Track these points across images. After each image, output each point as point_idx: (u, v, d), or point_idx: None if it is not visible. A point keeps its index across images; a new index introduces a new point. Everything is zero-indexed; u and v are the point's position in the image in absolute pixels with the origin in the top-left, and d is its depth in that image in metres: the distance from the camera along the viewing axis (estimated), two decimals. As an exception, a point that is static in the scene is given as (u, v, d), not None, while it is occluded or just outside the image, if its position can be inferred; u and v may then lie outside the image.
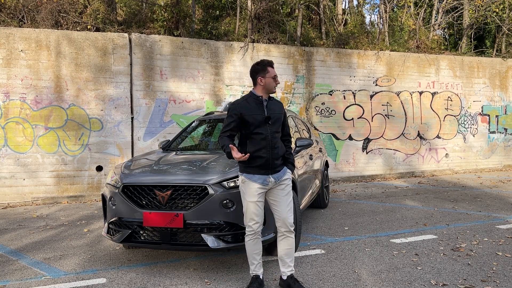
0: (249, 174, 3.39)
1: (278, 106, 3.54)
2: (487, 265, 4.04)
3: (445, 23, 13.84)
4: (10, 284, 3.80)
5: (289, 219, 3.42)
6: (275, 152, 3.39)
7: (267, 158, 3.35)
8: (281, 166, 3.45)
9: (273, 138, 3.39)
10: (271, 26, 10.55)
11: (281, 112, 3.51)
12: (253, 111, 3.38)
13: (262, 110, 3.40)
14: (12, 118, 7.81)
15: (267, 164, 3.35)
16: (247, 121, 3.36)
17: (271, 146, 3.37)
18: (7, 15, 8.55)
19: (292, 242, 3.45)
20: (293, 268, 3.49)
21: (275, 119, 3.42)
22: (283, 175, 3.46)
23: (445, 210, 6.65)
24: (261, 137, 3.36)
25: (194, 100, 9.00)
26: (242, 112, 3.38)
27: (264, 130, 3.37)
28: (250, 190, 3.38)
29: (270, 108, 3.45)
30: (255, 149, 3.36)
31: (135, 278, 3.88)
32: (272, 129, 3.40)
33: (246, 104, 3.43)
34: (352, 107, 10.44)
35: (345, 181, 10.29)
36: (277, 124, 3.45)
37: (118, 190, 4.03)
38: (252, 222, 3.41)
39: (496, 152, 12.26)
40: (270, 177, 3.38)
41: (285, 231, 3.42)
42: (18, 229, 5.93)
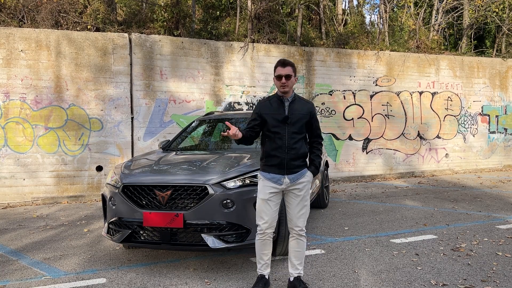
0: (264, 172, 3.41)
1: (304, 106, 3.45)
2: (487, 265, 4.04)
3: (445, 23, 13.84)
4: (10, 284, 3.80)
5: (299, 223, 3.38)
6: (292, 152, 3.33)
7: (282, 158, 3.32)
8: (299, 168, 3.37)
9: (291, 138, 3.34)
10: (271, 26, 10.56)
11: (305, 113, 3.41)
12: (272, 111, 3.39)
13: (282, 110, 3.38)
14: (12, 118, 7.81)
15: (282, 164, 3.33)
16: (266, 120, 3.39)
17: (288, 146, 3.33)
18: (7, 15, 8.55)
19: (303, 244, 3.42)
20: (300, 271, 3.46)
21: (295, 119, 3.36)
22: (300, 177, 3.37)
23: (445, 210, 6.65)
24: (278, 137, 3.34)
25: (194, 100, 9.00)
26: (261, 111, 3.42)
27: (281, 130, 3.34)
28: (263, 188, 3.39)
29: (292, 108, 3.39)
30: (271, 148, 3.37)
31: (135, 278, 3.88)
32: (291, 129, 3.35)
33: (267, 103, 3.46)
34: (352, 107, 10.44)
35: (345, 181, 10.29)
36: (298, 124, 3.37)
37: (118, 190, 4.03)
38: (261, 221, 3.39)
39: (496, 152, 12.26)
40: (286, 177, 3.34)
41: (295, 233, 3.41)
42: (18, 229, 5.92)
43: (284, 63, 3.36)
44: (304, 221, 3.40)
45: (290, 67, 3.36)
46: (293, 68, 3.39)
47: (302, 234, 3.41)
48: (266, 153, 3.42)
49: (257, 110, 3.47)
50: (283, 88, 3.36)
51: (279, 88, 3.38)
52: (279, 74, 3.35)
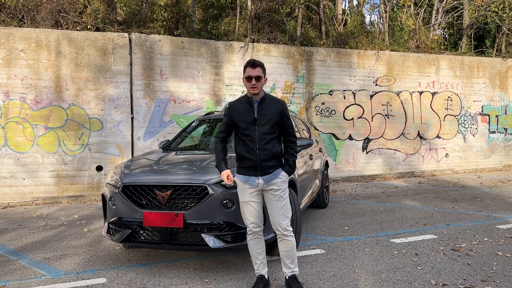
0: (239, 174, 3.43)
1: (274, 106, 3.41)
2: (487, 265, 4.04)
3: (445, 23, 13.84)
4: (10, 284, 3.80)
5: (282, 223, 3.34)
6: (264, 153, 3.31)
7: (254, 159, 3.32)
8: (273, 168, 3.35)
9: (262, 139, 3.32)
10: (271, 26, 10.55)
11: (275, 112, 3.37)
12: (242, 113, 3.39)
13: (251, 111, 3.37)
14: (12, 118, 7.81)
15: (255, 165, 3.33)
16: (237, 123, 3.40)
17: (259, 147, 3.31)
18: (7, 15, 8.55)
19: (290, 244, 3.40)
20: (293, 270, 3.45)
21: (265, 120, 3.33)
22: (274, 177, 3.35)
23: (445, 210, 6.65)
24: (248, 139, 3.35)
25: (194, 100, 9.00)
26: (232, 114, 3.44)
27: (251, 132, 3.34)
28: (241, 191, 3.42)
29: (261, 108, 3.37)
30: (243, 150, 3.38)
31: (135, 278, 3.88)
32: (261, 130, 3.33)
33: (238, 106, 3.45)
34: (352, 107, 10.44)
35: (345, 181, 10.29)
36: (268, 125, 3.33)
37: (118, 190, 4.03)
38: (247, 222, 3.42)
39: (496, 152, 12.26)
40: (260, 178, 3.33)
41: (280, 234, 3.39)
42: (18, 229, 5.92)
43: (254, 64, 3.35)
44: (285, 220, 3.35)
45: (260, 68, 3.36)
46: (263, 69, 3.39)
47: (288, 234, 3.37)
48: (238, 155, 3.43)
49: (227, 113, 3.48)
50: (253, 90, 3.34)
51: (249, 89, 3.36)
52: (249, 75, 3.32)
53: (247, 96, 3.44)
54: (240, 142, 3.43)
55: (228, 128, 3.50)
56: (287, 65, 9.80)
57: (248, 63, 3.37)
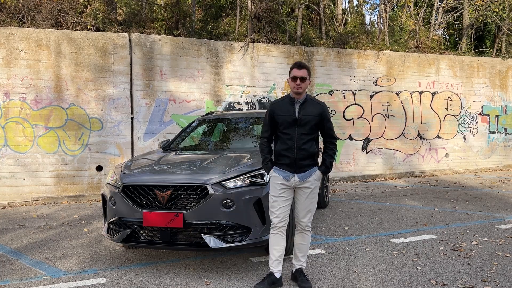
0: (277, 168, 3.52)
1: (315, 107, 3.51)
2: (487, 265, 4.04)
3: (445, 23, 13.84)
4: (10, 284, 3.80)
5: (305, 218, 3.51)
6: (301, 153, 3.43)
7: (292, 158, 3.43)
8: (309, 167, 3.47)
9: (300, 139, 3.43)
10: (271, 26, 10.56)
11: (315, 114, 3.48)
12: (284, 112, 3.50)
13: (292, 111, 3.46)
14: (12, 118, 7.81)
15: (292, 163, 3.44)
16: (277, 121, 3.51)
17: (297, 147, 3.43)
18: (7, 15, 8.55)
19: (307, 238, 3.57)
20: (302, 264, 3.61)
21: (305, 121, 3.44)
22: (309, 175, 3.47)
23: (445, 210, 6.65)
24: (288, 138, 3.46)
25: (194, 100, 9.00)
26: (274, 112, 3.54)
27: (291, 131, 3.45)
28: (273, 185, 3.52)
29: (303, 109, 3.47)
30: (281, 148, 3.49)
31: (135, 278, 3.88)
32: (301, 130, 3.44)
33: (280, 104, 3.57)
34: (352, 107, 10.44)
35: (345, 181, 10.29)
36: (308, 126, 3.45)
37: (118, 190, 4.03)
38: (272, 215, 3.52)
39: (496, 152, 12.26)
40: (295, 175, 3.45)
41: (300, 227, 3.55)
42: (18, 229, 5.93)
43: (300, 65, 3.47)
44: (309, 217, 3.54)
45: (306, 70, 3.47)
46: (308, 71, 3.49)
47: (307, 229, 3.55)
48: (277, 152, 3.55)
49: (270, 111, 3.58)
50: (297, 89, 3.44)
51: (293, 89, 3.47)
52: (294, 75, 3.44)
53: (290, 96, 3.54)
54: (279, 140, 3.54)
55: (270, 126, 3.59)
56: (287, 65, 9.80)
57: (295, 65, 3.49)
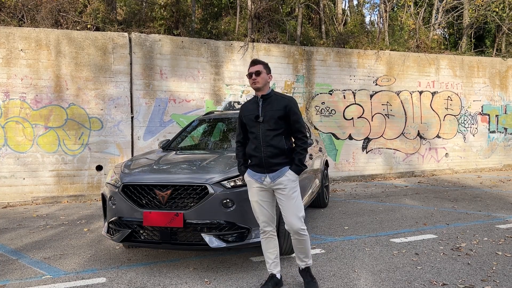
0: (250, 171, 3.46)
1: (279, 102, 3.39)
2: (487, 264, 4.04)
3: (445, 23, 13.84)
4: (10, 284, 3.80)
5: (294, 224, 3.31)
6: (269, 150, 3.31)
7: (260, 156, 3.35)
8: (280, 165, 3.33)
9: (265, 136, 3.33)
10: (271, 25, 10.55)
11: (279, 108, 3.35)
12: (248, 112, 3.47)
13: (256, 109, 3.42)
14: (12, 117, 7.81)
15: (261, 163, 3.35)
16: (244, 122, 3.50)
17: (263, 144, 3.33)
18: (7, 14, 8.54)
19: (303, 241, 3.40)
20: (307, 262, 3.48)
21: (268, 116, 3.34)
22: (281, 175, 3.32)
23: (445, 210, 6.65)
24: (253, 136, 3.40)
25: (194, 100, 9.00)
26: (242, 113, 3.54)
27: (256, 129, 3.39)
28: (251, 189, 3.45)
29: (266, 106, 3.40)
30: (250, 148, 3.43)
31: (135, 277, 3.88)
32: (265, 126, 3.34)
33: (247, 105, 3.55)
34: (352, 106, 10.44)
35: (345, 180, 10.29)
36: (271, 121, 3.33)
37: (118, 190, 4.03)
38: (258, 221, 3.47)
39: (496, 152, 12.26)
40: (266, 176, 3.35)
41: (293, 233, 3.37)
42: (18, 229, 5.92)
43: (255, 62, 3.47)
44: (297, 219, 3.31)
45: (261, 65, 3.45)
46: (264, 65, 3.46)
47: (301, 233, 3.35)
48: (247, 154, 3.49)
49: (240, 113, 3.58)
50: (254, 84, 3.40)
51: (251, 85, 3.44)
52: (249, 72, 3.43)
53: (255, 96, 3.51)
54: (249, 141, 3.50)
55: (242, 128, 3.57)
56: (287, 64, 9.80)
57: (251, 62, 3.49)
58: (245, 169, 3.50)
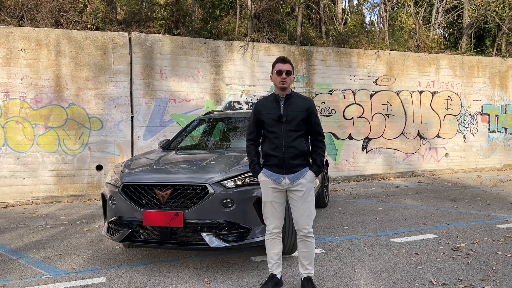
0: (266, 171, 3.39)
1: (301, 103, 3.36)
2: (486, 264, 4.04)
3: (445, 23, 13.84)
4: (10, 283, 3.80)
5: (304, 225, 3.32)
6: (290, 151, 3.27)
7: (280, 157, 3.29)
8: (300, 167, 3.31)
9: (287, 137, 3.28)
10: (271, 25, 10.55)
11: (302, 110, 3.32)
12: (268, 110, 3.36)
13: (277, 109, 3.34)
14: (12, 117, 7.81)
15: (281, 163, 3.29)
16: (263, 121, 3.38)
17: (285, 145, 3.28)
18: (7, 14, 8.54)
19: (310, 246, 3.38)
20: (310, 271, 3.43)
21: (291, 117, 3.30)
22: (301, 176, 3.30)
23: (445, 210, 6.65)
24: (274, 136, 3.31)
25: (194, 100, 9.00)
26: (259, 111, 3.42)
27: (277, 129, 3.31)
28: (265, 189, 3.39)
29: (288, 105, 3.34)
30: (269, 148, 3.35)
31: (135, 277, 3.88)
32: (287, 127, 3.29)
33: (264, 103, 3.44)
34: (352, 106, 10.44)
35: (345, 180, 10.29)
36: (294, 122, 3.29)
37: (118, 189, 4.03)
38: (267, 221, 3.41)
39: (496, 152, 12.26)
40: (285, 177, 3.30)
41: (302, 234, 3.37)
42: (18, 228, 5.93)
43: (284, 59, 3.36)
44: (308, 222, 3.34)
45: (290, 64, 3.36)
46: (291, 66, 3.38)
47: (309, 235, 3.36)
48: (264, 153, 3.41)
49: (255, 111, 3.46)
50: (282, 84, 3.31)
51: (279, 84, 3.32)
52: (279, 69, 3.31)
53: (274, 94, 3.43)
54: (266, 140, 3.41)
55: (256, 126, 3.46)
56: (287, 64, 9.78)
57: (278, 59, 3.37)
58: (260, 168, 3.44)
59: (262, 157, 3.45)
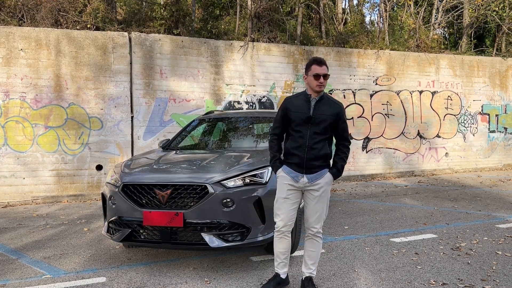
0: (286, 167, 3.38)
1: (331, 107, 3.34)
2: (486, 264, 4.04)
3: (445, 22, 13.83)
4: (10, 283, 3.80)
5: (315, 224, 3.37)
6: (312, 152, 3.28)
7: (302, 157, 3.29)
8: (319, 168, 3.32)
9: (312, 138, 3.28)
10: (271, 25, 10.55)
11: (331, 114, 3.31)
12: (298, 109, 3.35)
13: (307, 109, 3.33)
14: (12, 117, 7.81)
15: (302, 163, 3.30)
16: (290, 118, 3.37)
17: (308, 146, 3.28)
18: (7, 14, 8.54)
19: (317, 245, 3.41)
20: (312, 272, 3.45)
21: (319, 120, 3.29)
22: (319, 177, 3.32)
23: (445, 209, 6.66)
24: (299, 136, 3.32)
25: (194, 99, 9.00)
26: (288, 107, 3.40)
27: (303, 129, 3.30)
28: (281, 185, 3.39)
29: (318, 107, 3.32)
30: (292, 146, 3.35)
31: (135, 277, 3.88)
32: (314, 129, 3.29)
33: (294, 100, 3.42)
34: (352, 106, 10.44)
35: (345, 180, 10.29)
36: (321, 125, 3.29)
37: (118, 189, 4.03)
38: (277, 218, 3.40)
39: (496, 151, 12.26)
40: (304, 176, 3.31)
41: (310, 233, 3.40)
42: (18, 228, 5.93)
43: (321, 62, 3.32)
44: (319, 222, 3.38)
45: (326, 67, 3.33)
46: (327, 67, 3.36)
47: (318, 235, 3.40)
48: (286, 151, 3.41)
49: (283, 106, 3.45)
50: (319, 87, 3.29)
51: (315, 87, 3.29)
52: (317, 73, 3.27)
53: (306, 93, 3.41)
54: (290, 138, 3.41)
55: (283, 122, 3.46)
56: (287, 64, 9.80)
57: (315, 61, 3.33)
58: (280, 164, 3.43)
59: (284, 154, 3.46)
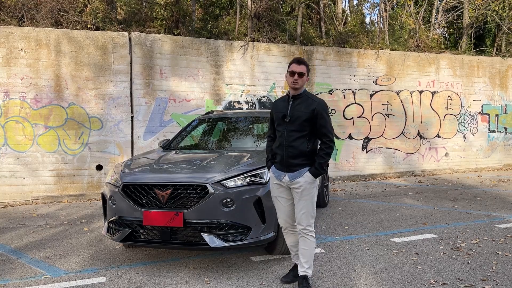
0: (273, 168, 3.53)
1: (308, 104, 3.37)
2: (486, 264, 4.04)
3: (445, 22, 13.83)
4: (10, 283, 3.80)
5: (301, 221, 3.40)
6: (290, 150, 3.36)
7: (281, 155, 3.41)
8: (299, 166, 3.36)
9: (289, 136, 3.38)
10: (271, 25, 10.54)
11: (307, 111, 3.34)
12: (278, 109, 3.52)
13: (285, 108, 3.44)
14: (12, 117, 7.81)
15: (282, 161, 3.42)
16: (273, 119, 3.57)
17: (286, 144, 3.38)
18: (7, 14, 8.53)
19: (309, 243, 3.41)
20: (306, 270, 3.43)
21: (294, 117, 3.35)
22: (299, 176, 3.35)
23: (445, 209, 6.66)
24: (279, 135, 3.47)
25: (194, 99, 9.00)
26: (273, 110, 3.63)
27: (281, 128, 3.44)
28: (272, 184, 3.57)
29: (295, 105, 3.40)
30: (275, 146, 3.51)
31: (135, 277, 3.88)
32: (290, 127, 3.38)
33: (278, 102, 3.61)
34: (352, 106, 10.44)
35: (345, 180, 10.29)
36: (297, 122, 3.34)
37: (118, 189, 4.03)
38: (278, 218, 3.60)
39: (496, 151, 12.26)
40: (286, 175, 3.41)
41: (301, 229, 3.44)
42: (18, 228, 5.93)
43: (300, 61, 3.44)
44: (306, 219, 3.38)
45: (305, 66, 3.42)
46: (307, 68, 3.44)
47: (307, 233, 3.40)
48: (272, 150, 3.57)
49: (271, 109, 3.64)
50: (293, 84, 3.38)
51: (290, 84, 3.41)
52: (292, 70, 3.38)
53: (288, 93, 3.52)
54: (276, 138, 3.55)
55: (272, 124, 3.63)
56: (287, 64, 9.74)
57: (294, 60, 3.46)
58: (271, 164, 3.56)
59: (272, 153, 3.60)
